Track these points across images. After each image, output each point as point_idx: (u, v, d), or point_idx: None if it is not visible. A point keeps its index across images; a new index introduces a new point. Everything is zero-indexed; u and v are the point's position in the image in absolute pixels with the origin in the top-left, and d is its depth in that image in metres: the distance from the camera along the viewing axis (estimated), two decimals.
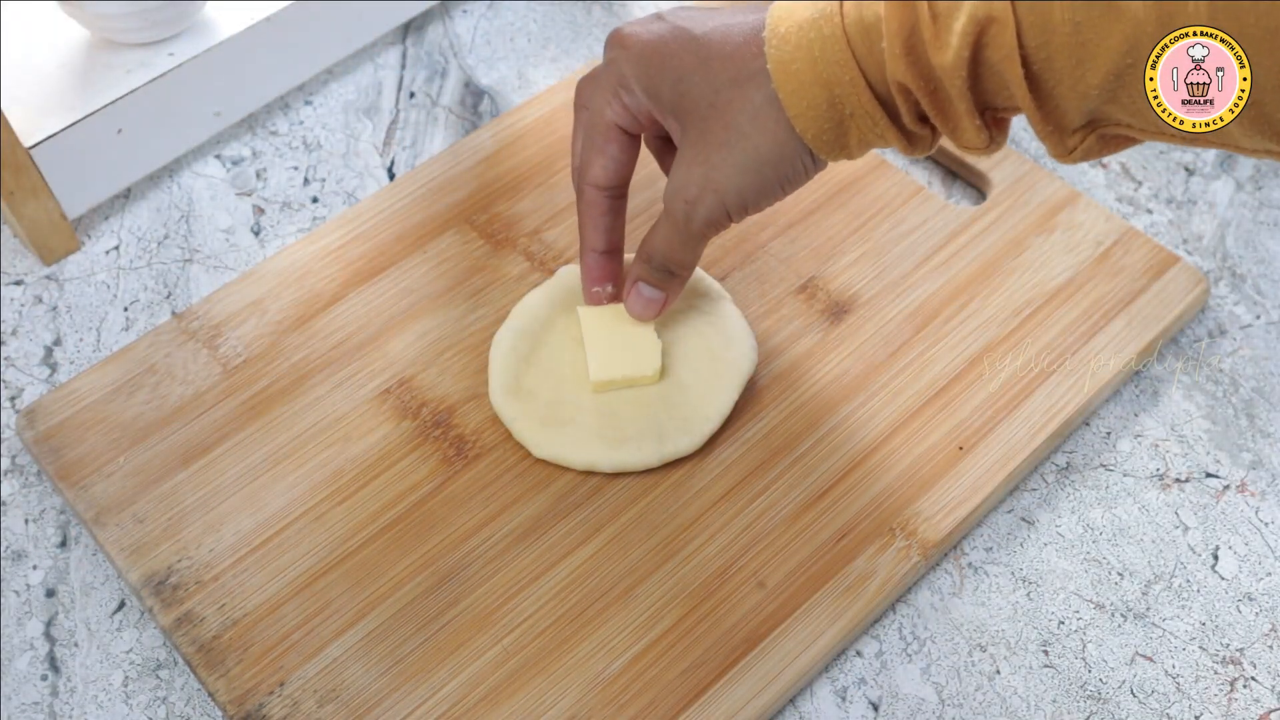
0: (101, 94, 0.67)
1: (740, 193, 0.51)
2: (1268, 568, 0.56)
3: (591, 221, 0.57)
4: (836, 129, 0.49)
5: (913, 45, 0.46)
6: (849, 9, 0.47)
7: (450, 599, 0.54)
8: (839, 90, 0.48)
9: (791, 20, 0.48)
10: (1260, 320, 0.65)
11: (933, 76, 0.46)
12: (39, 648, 0.56)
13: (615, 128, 0.54)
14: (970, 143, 0.48)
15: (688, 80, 0.51)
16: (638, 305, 0.57)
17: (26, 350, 0.65)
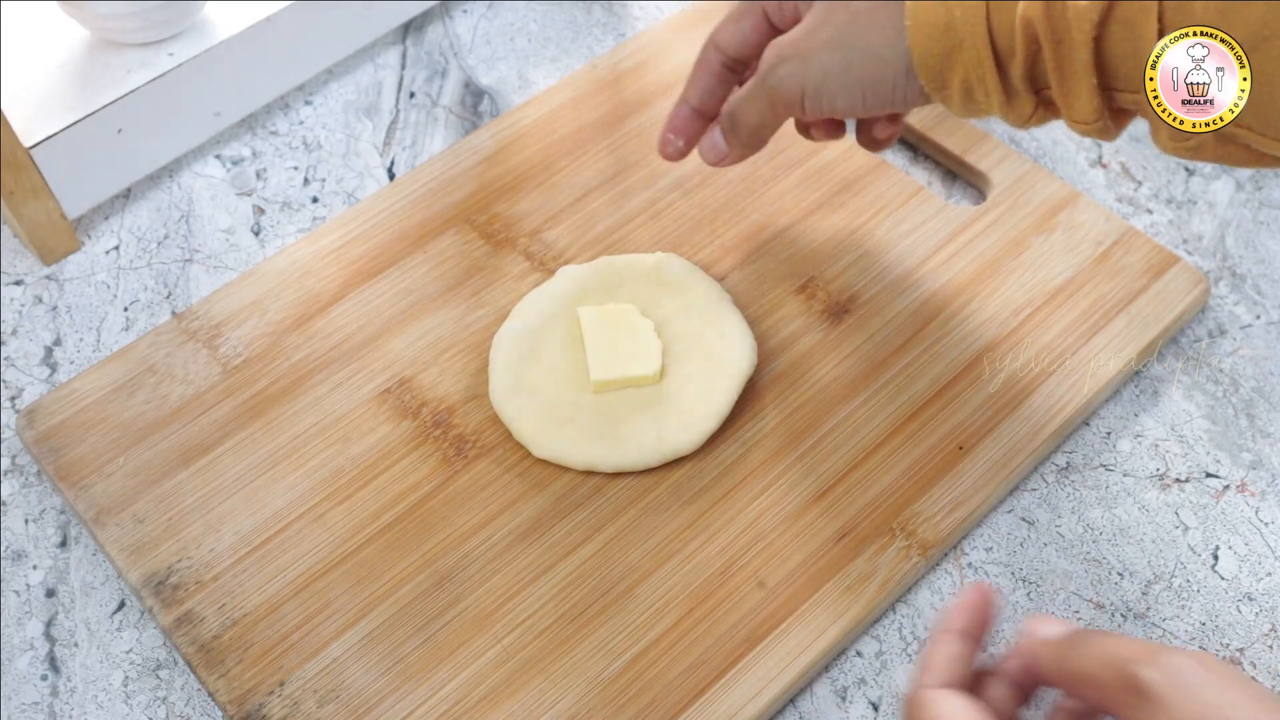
0: (101, 94, 0.67)
1: (824, 73, 0.51)
2: (1268, 568, 0.56)
3: (698, 78, 0.57)
4: (944, 57, 0.48)
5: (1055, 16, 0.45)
6: None
7: (450, 599, 0.54)
8: (960, 14, 0.46)
9: None
10: (1260, 320, 0.65)
11: (1063, 21, 0.45)
12: (39, 648, 0.56)
13: (761, 11, 0.55)
14: (1081, 113, 0.47)
15: None
16: (704, 145, 0.58)
17: (26, 350, 0.65)
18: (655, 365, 0.58)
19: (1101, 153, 0.72)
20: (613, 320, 0.59)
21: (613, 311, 0.59)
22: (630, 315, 0.59)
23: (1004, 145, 0.69)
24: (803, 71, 0.51)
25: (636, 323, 0.59)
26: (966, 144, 0.69)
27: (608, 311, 0.59)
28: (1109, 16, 0.44)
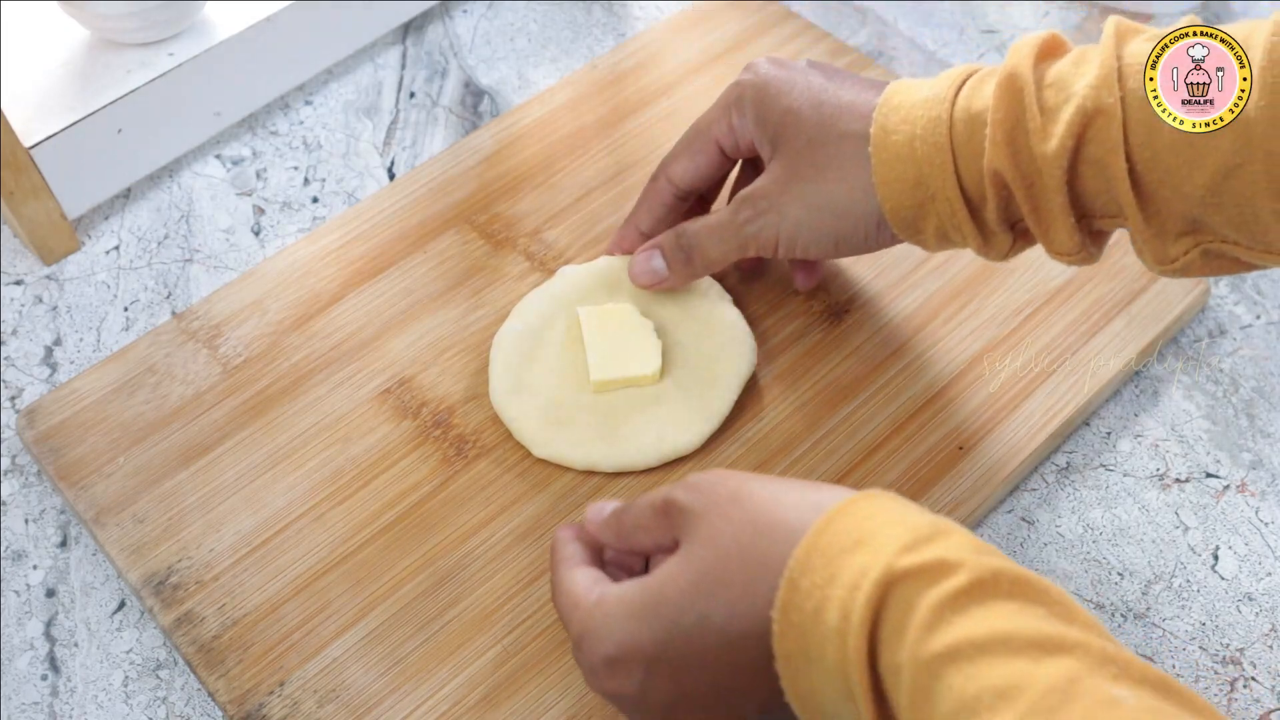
0: (101, 94, 0.67)
1: (798, 225, 0.53)
2: (1268, 568, 0.56)
3: (648, 204, 0.59)
4: (915, 209, 0.49)
5: (1015, 135, 0.46)
6: (962, 97, 0.48)
7: (450, 599, 0.54)
8: (928, 171, 0.48)
9: (907, 95, 0.50)
10: (1260, 320, 0.65)
11: (1033, 168, 0.46)
12: (39, 648, 0.56)
13: (714, 141, 0.56)
14: (1062, 246, 0.48)
15: (796, 116, 0.52)
16: (640, 268, 0.59)
17: (26, 350, 0.65)
18: (655, 365, 0.58)
19: None
20: (613, 320, 0.59)
21: (613, 311, 0.59)
22: (630, 315, 0.59)
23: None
24: (778, 223, 0.53)
25: (636, 323, 0.59)
26: None
27: (608, 311, 0.59)
28: (1077, 159, 0.46)
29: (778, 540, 0.40)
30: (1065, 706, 0.32)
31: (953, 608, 0.35)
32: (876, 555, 0.37)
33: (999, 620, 0.34)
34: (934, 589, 0.35)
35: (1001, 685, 0.33)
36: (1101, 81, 0.45)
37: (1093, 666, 0.33)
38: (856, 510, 0.40)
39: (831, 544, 0.38)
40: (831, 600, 0.37)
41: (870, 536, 0.38)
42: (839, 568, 0.38)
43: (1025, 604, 0.35)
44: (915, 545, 0.37)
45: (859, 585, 0.37)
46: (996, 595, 0.35)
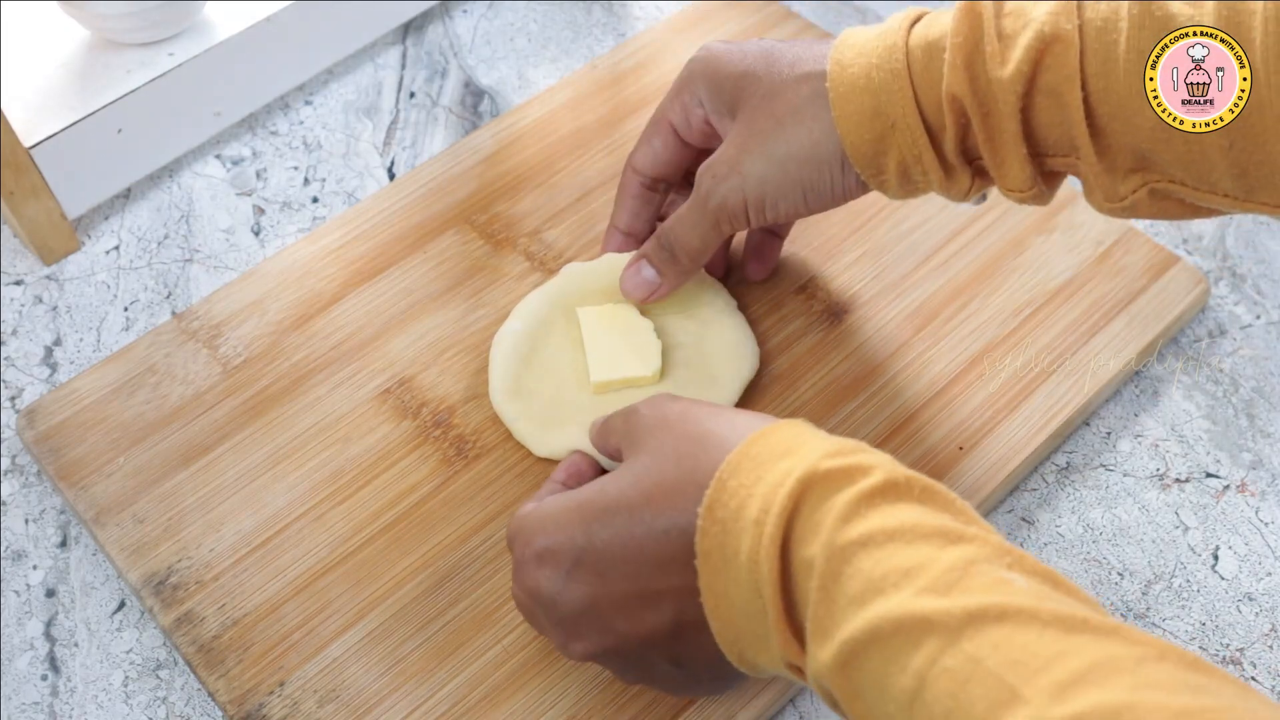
0: (101, 94, 0.67)
1: (762, 181, 0.51)
2: (1268, 568, 0.56)
3: (621, 200, 0.59)
4: (876, 142, 0.49)
5: (973, 60, 0.46)
6: (918, 28, 0.48)
7: (450, 599, 0.54)
8: (886, 99, 0.48)
9: (861, 35, 0.49)
10: (1260, 320, 0.65)
11: (989, 94, 0.46)
12: (39, 648, 0.56)
13: (667, 123, 0.56)
14: (1014, 181, 0.48)
15: (750, 76, 0.51)
16: (630, 282, 0.57)
17: (26, 350, 0.65)
18: (655, 366, 0.58)
19: None
20: (613, 320, 0.59)
21: (613, 312, 0.59)
22: (630, 315, 0.59)
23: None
24: (741, 185, 0.51)
25: (636, 323, 0.59)
26: None
27: (608, 311, 0.59)
28: (1033, 87, 0.46)
29: (712, 449, 0.42)
30: (962, 582, 0.35)
31: (868, 504, 0.38)
32: (802, 459, 0.40)
33: (908, 515, 0.38)
34: (851, 488, 0.39)
35: (906, 565, 0.36)
36: (1060, 9, 0.45)
37: (991, 555, 0.37)
38: (792, 427, 0.42)
39: (762, 452, 0.41)
40: (754, 497, 0.40)
41: (799, 446, 0.41)
42: (766, 470, 0.40)
43: (934, 507, 0.39)
44: (839, 454, 0.40)
45: (782, 483, 0.39)
46: (909, 497, 0.39)
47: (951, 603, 0.35)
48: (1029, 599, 0.35)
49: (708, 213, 0.53)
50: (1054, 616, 0.34)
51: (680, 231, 0.55)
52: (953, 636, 0.34)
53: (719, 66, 0.53)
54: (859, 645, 0.36)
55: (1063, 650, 0.33)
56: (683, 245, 0.55)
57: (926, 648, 0.34)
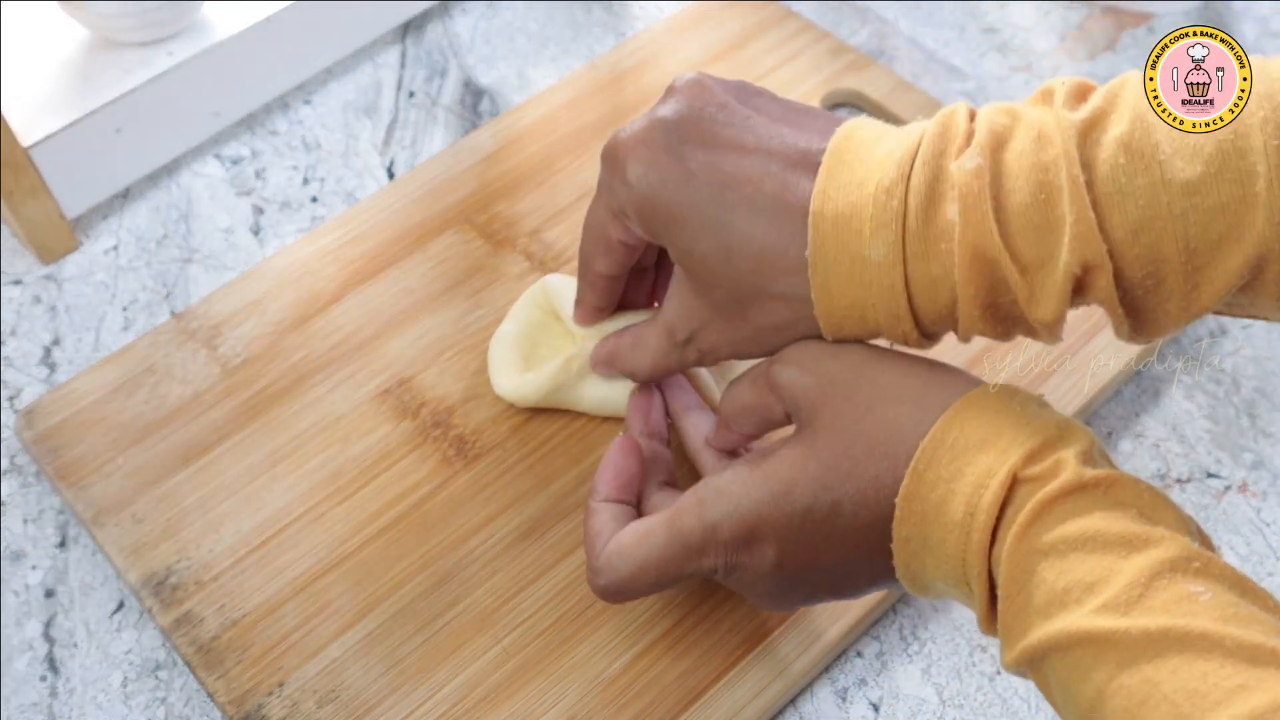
0: (100, 93, 0.67)
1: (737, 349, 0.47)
2: (1269, 568, 0.56)
3: (595, 295, 0.53)
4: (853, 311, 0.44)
5: (996, 304, 0.42)
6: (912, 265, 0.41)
7: (450, 599, 0.54)
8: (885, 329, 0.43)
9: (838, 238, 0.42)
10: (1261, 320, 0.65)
11: (1023, 328, 0.43)
12: (38, 648, 0.55)
13: (617, 243, 0.49)
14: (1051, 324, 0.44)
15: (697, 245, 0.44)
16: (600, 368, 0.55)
17: (25, 350, 0.65)
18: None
19: None
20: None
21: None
22: None
23: None
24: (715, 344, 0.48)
25: None
26: None
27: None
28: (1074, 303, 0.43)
29: (903, 434, 0.41)
30: (1144, 599, 0.35)
31: (1053, 507, 0.38)
32: (1002, 457, 0.39)
33: (1091, 520, 0.37)
34: (1040, 491, 0.38)
35: (1088, 579, 0.36)
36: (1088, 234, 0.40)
37: (1175, 562, 0.36)
38: (982, 406, 0.41)
39: (958, 440, 0.40)
40: (956, 495, 0.39)
41: (996, 436, 0.40)
42: (964, 464, 0.40)
43: (1120, 505, 0.38)
44: (1038, 454, 0.39)
45: (985, 485, 0.39)
46: (1095, 495, 0.38)
47: (1132, 622, 0.34)
48: (1213, 620, 0.34)
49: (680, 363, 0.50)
50: (1237, 645, 0.33)
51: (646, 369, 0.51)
52: (1133, 656, 0.34)
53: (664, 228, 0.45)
54: (1042, 653, 0.36)
55: (1244, 684, 0.33)
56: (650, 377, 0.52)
57: (1106, 664, 0.35)
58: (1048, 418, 0.41)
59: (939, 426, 0.40)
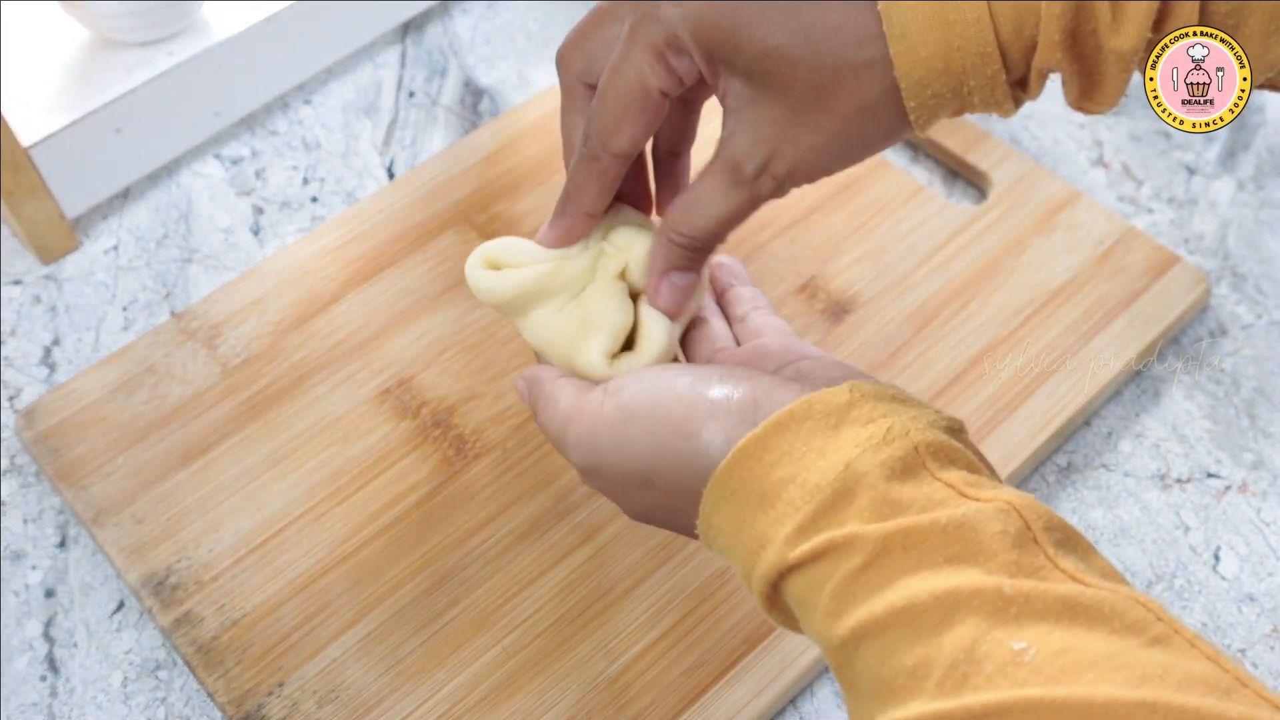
0: (100, 93, 0.67)
1: (819, 156, 0.43)
2: (1269, 568, 0.56)
3: (597, 187, 0.47)
4: (947, 109, 0.42)
5: (1077, 32, 0.40)
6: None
7: (450, 599, 0.54)
8: (974, 82, 0.41)
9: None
10: (1262, 320, 0.65)
11: (1098, 60, 0.41)
12: (38, 648, 0.55)
13: (658, 94, 0.44)
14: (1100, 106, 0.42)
15: (780, 57, 0.41)
16: (674, 299, 0.47)
17: (25, 350, 0.65)
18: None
19: (1103, 152, 0.72)
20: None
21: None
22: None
23: (1005, 145, 0.69)
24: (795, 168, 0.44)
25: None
26: (967, 143, 0.69)
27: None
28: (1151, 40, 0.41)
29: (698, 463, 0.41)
30: (972, 676, 0.33)
31: (850, 589, 0.36)
32: (773, 528, 0.37)
33: (897, 591, 0.35)
34: (831, 577, 0.36)
35: (910, 664, 0.34)
36: None
37: (992, 617, 0.34)
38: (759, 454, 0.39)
39: (739, 489, 0.39)
40: (735, 551, 0.39)
41: (772, 496, 0.38)
42: (741, 521, 0.38)
43: (922, 556, 0.35)
44: (810, 524, 0.37)
45: (754, 565, 0.38)
46: (891, 562, 0.36)
47: (966, 701, 0.33)
48: (1042, 683, 0.32)
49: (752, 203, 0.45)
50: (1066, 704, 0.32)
51: (713, 227, 0.46)
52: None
53: (729, 35, 0.42)
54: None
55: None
56: (717, 236, 0.47)
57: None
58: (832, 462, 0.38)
59: (723, 469, 0.39)
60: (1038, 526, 0.35)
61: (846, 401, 0.38)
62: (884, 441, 0.37)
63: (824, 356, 0.45)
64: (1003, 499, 0.36)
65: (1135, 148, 0.72)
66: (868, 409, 0.38)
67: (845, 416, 0.38)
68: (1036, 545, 0.35)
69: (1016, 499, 0.36)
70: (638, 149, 0.46)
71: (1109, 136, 0.72)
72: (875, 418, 0.38)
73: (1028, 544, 0.35)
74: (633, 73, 0.44)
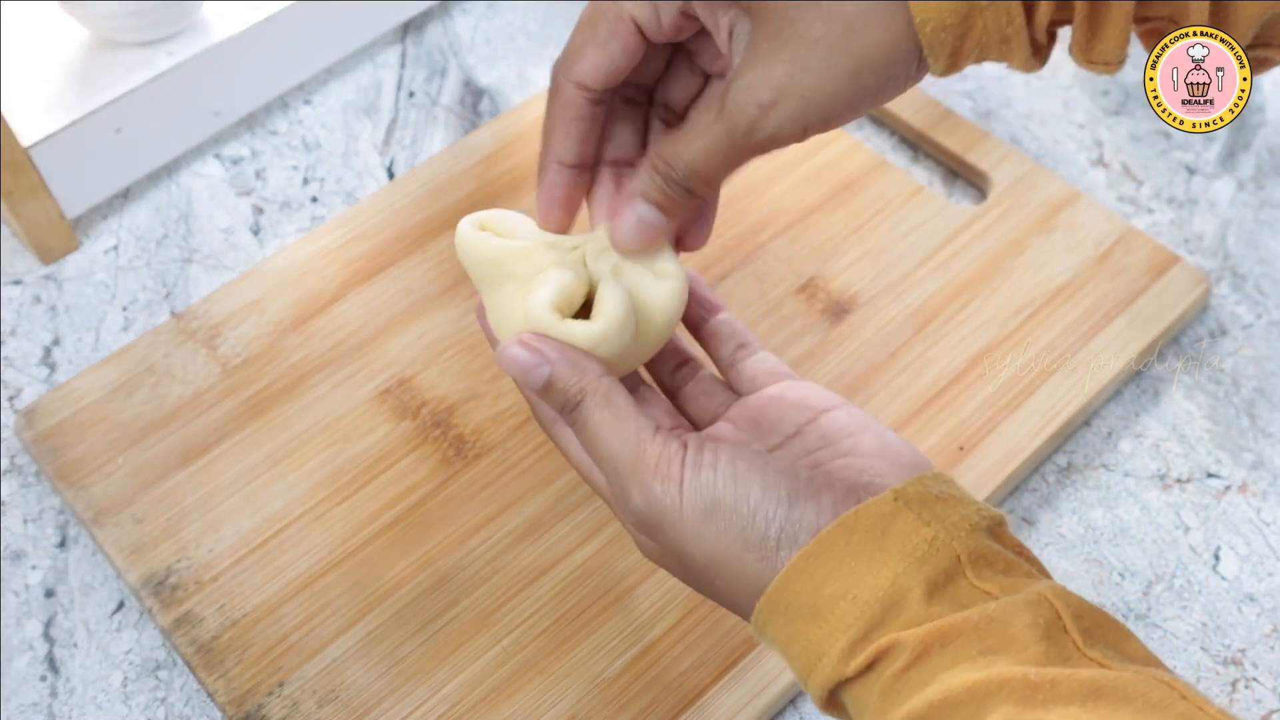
0: (100, 93, 0.67)
1: (832, 100, 0.40)
2: (1269, 568, 0.56)
3: (564, 125, 0.44)
4: (961, 24, 0.39)
5: None
6: None
7: (450, 599, 0.54)
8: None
9: None
10: (1261, 320, 0.65)
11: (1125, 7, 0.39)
12: (38, 648, 0.55)
13: (630, 22, 0.41)
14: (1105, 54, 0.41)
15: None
16: (631, 230, 0.44)
17: (25, 350, 0.65)
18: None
19: (1103, 152, 0.72)
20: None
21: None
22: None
23: (1005, 145, 0.69)
24: (804, 108, 0.40)
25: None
26: (967, 144, 0.69)
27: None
28: None
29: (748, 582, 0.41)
30: None
31: (895, 688, 0.37)
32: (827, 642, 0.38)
33: (935, 685, 0.36)
34: (880, 678, 0.37)
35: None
36: None
37: (1022, 704, 0.34)
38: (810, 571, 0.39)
39: (793, 603, 0.39)
40: (791, 659, 0.40)
41: (825, 611, 0.39)
42: (795, 634, 0.39)
43: (957, 651, 0.36)
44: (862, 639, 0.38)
45: (810, 673, 0.39)
46: (930, 660, 0.36)
47: None
48: None
49: (752, 144, 0.41)
50: None
51: (702, 163, 0.42)
52: None
53: None
54: None
55: None
56: (703, 178, 0.42)
57: None
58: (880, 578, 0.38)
59: (775, 585, 0.40)
60: (1067, 615, 0.36)
61: (890, 511, 0.39)
62: (928, 554, 0.38)
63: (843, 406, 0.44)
64: (1034, 590, 0.37)
65: (1135, 148, 0.72)
66: (911, 519, 0.39)
67: (890, 529, 0.39)
68: (1065, 635, 0.36)
69: (1048, 589, 0.37)
70: (601, 83, 0.43)
71: (1109, 136, 0.72)
72: (919, 527, 0.38)
73: (1057, 634, 0.36)
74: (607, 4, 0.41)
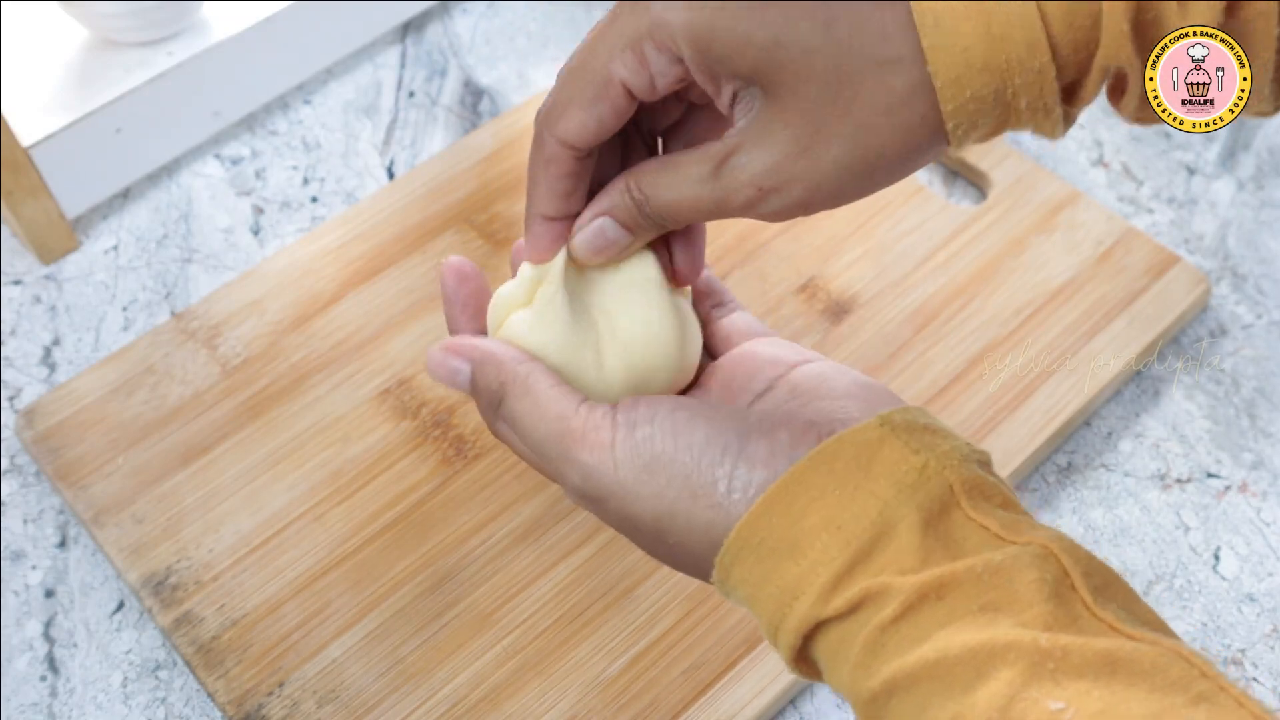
0: (100, 93, 0.67)
1: (839, 191, 0.39)
2: (1269, 568, 0.56)
3: (548, 182, 0.42)
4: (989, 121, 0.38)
5: (1145, 19, 0.36)
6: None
7: (450, 599, 0.54)
8: (1019, 80, 0.36)
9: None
10: (1262, 320, 0.65)
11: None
12: (38, 648, 0.55)
13: (620, 87, 0.40)
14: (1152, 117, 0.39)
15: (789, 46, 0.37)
16: (590, 242, 0.43)
17: (25, 350, 0.65)
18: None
19: (1103, 152, 0.72)
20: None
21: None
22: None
23: (1005, 145, 0.69)
24: (808, 197, 0.39)
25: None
26: None
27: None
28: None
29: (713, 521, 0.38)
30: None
31: (881, 641, 0.34)
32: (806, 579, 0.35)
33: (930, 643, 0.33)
34: (863, 628, 0.34)
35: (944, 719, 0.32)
36: None
37: (1028, 672, 0.32)
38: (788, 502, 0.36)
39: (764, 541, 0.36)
40: (760, 603, 0.37)
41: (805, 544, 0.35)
42: (768, 572, 0.36)
43: (955, 605, 0.33)
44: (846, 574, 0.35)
45: (783, 617, 0.36)
46: (923, 612, 0.34)
47: None
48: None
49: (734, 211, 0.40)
50: None
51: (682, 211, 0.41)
52: None
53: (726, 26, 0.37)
54: None
55: None
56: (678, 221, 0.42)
57: None
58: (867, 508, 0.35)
59: (746, 520, 0.36)
60: (1076, 573, 0.33)
61: (876, 438, 0.36)
62: (919, 482, 0.35)
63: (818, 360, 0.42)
64: (1039, 542, 0.34)
65: (1135, 148, 0.72)
66: (899, 445, 0.36)
67: (876, 456, 0.36)
68: (1074, 593, 0.33)
69: (1054, 542, 0.34)
70: (586, 143, 0.41)
71: (1109, 136, 0.72)
72: (907, 455, 0.35)
73: (1065, 592, 0.33)
74: (598, 58, 0.40)
